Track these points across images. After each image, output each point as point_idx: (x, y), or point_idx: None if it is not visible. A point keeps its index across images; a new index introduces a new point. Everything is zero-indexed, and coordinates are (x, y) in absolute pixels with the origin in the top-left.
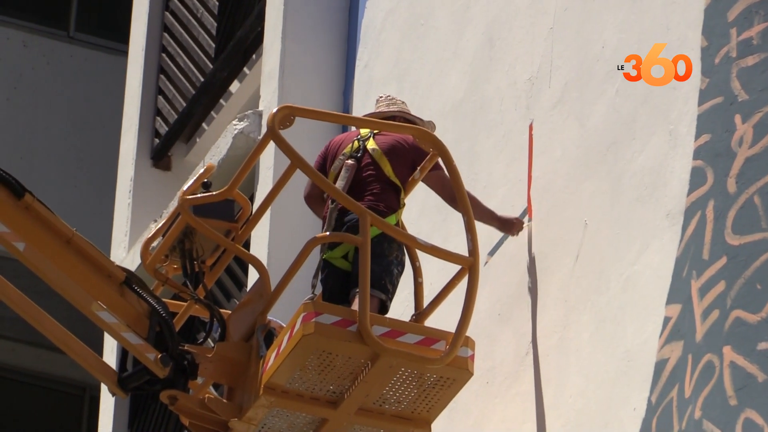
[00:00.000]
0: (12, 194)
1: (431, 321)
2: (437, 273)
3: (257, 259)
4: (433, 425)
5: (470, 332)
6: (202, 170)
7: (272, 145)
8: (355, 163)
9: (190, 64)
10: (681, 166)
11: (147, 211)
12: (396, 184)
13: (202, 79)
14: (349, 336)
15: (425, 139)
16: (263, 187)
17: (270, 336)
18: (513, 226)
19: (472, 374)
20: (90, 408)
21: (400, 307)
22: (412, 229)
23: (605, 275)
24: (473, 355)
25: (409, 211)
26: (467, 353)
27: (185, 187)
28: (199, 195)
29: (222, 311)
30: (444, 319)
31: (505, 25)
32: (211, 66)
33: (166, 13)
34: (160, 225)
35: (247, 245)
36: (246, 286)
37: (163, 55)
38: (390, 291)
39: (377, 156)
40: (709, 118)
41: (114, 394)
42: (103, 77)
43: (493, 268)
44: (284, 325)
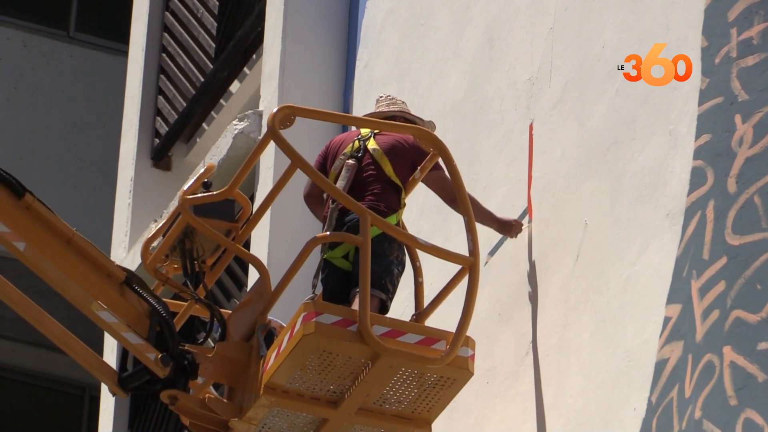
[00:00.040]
0: (12, 194)
1: (431, 321)
2: (437, 273)
3: (257, 258)
4: (434, 425)
5: (470, 332)
6: (202, 170)
7: (272, 145)
8: (356, 163)
9: (191, 64)
10: (681, 166)
11: (147, 211)
12: (396, 184)
13: (202, 79)
14: (349, 336)
15: (426, 139)
16: (263, 187)
17: (270, 336)
18: (512, 228)
19: (472, 374)
20: (90, 408)
21: (401, 307)
22: (412, 229)
23: (605, 275)
24: (473, 355)
25: (409, 211)
26: (467, 353)
27: (186, 186)
28: (199, 195)
29: (222, 311)
30: (444, 319)
31: (505, 25)
32: (211, 66)
33: (167, 13)
34: (161, 225)
35: (247, 245)
36: (246, 286)
37: (164, 55)
38: (390, 291)
39: (378, 156)
40: (709, 118)
41: (114, 394)
42: (103, 77)
43: (493, 268)
44: (284, 325)
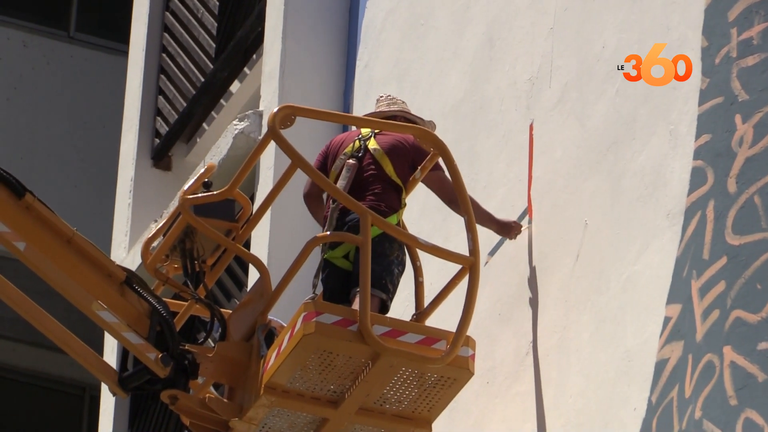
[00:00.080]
0: (12, 194)
1: (432, 321)
2: (437, 273)
3: (258, 258)
4: (434, 425)
5: (470, 332)
6: (202, 170)
7: (273, 145)
8: (357, 162)
9: (191, 64)
10: (681, 166)
11: (147, 211)
12: (397, 184)
13: (202, 79)
14: (349, 335)
15: (426, 139)
16: (264, 187)
17: (271, 336)
18: (511, 229)
19: (472, 374)
20: (90, 408)
21: (401, 307)
22: (412, 229)
23: (605, 275)
24: (474, 355)
25: (409, 211)
26: (468, 353)
27: (186, 186)
28: (199, 195)
29: (222, 311)
30: (444, 319)
31: (505, 25)
32: (211, 66)
33: (167, 14)
34: (161, 225)
35: (247, 245)
36: (246, 286)
37: (164, 55)
38: (390, 291)
39: (379, 156)
40: (709, 118)
41: (115, 394)
42: (103, 77)
43: (493, 268)
44: (285, 325)
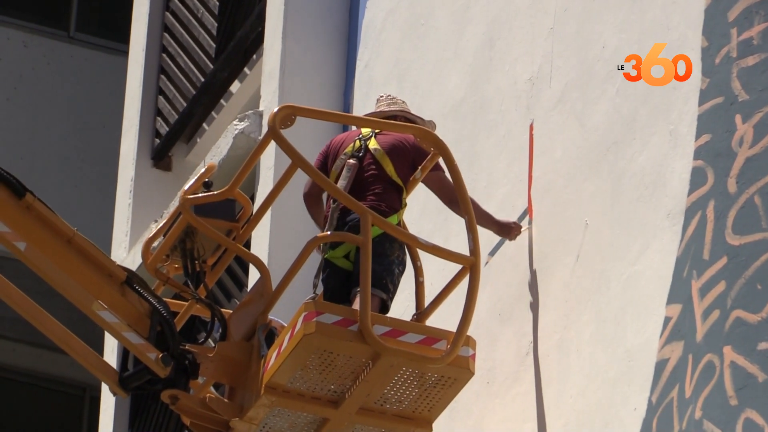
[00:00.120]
0: (13, 194)
1: (432, 320)
2: (437, 273)
3: (258, 258)
4: (434, 425)
5: (471, 332)
6: (203, 170)
7: (273, 145)
8: (357, 162)
9: (191, 64)
10: (681, 166)
11: (147, 211)
12: (398, 184)
13: (202, 79)
14: (350, 335)
15: (427, 139)
16: (264, 187)
17: (271, 335)
18: (511, 230)
19: (473, 374)
20: (90, 408)
21: (401, 307)
22: (413, 229)
23: (606, 275)
24: (474, 355)
25: (410, 211)
26: (468, 353)
27: (186, 186)
28: (200, 194)
29: (223, 311)
30: (445, 318)
31: (505, 25)
32: (211, 66)
33: (167, 14)
34: (162, 224)
35: (247, 245)
36: (246, 286)
37: (164, 55)
38: (391, 290)
39: (379, 156)
40: (709, 118)
41: (115, 394)
42: (103, 77)
43: (493, 268)
44: (285, 325)
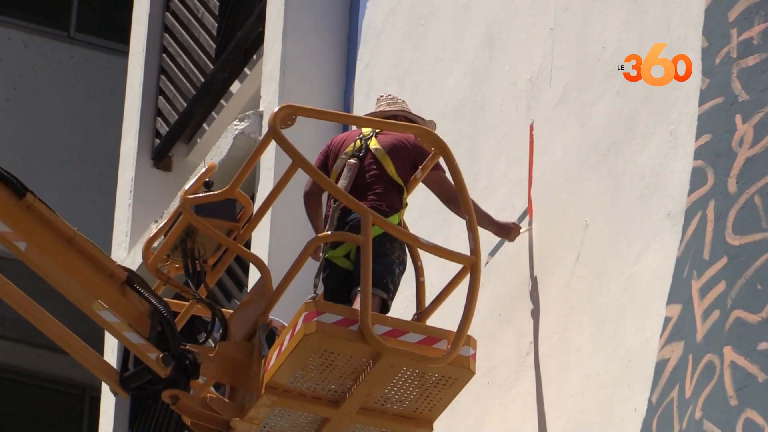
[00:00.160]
0: (13, 194)
1: (433, 320)
2: (437, 273)
3: (259, 258)
4: (435, 425)
5: (471, 332)
6: (203, 170)
7: (273, 145)
8: (358, 162)
9: (191, 64)
10: (681, 166)
11: (148, 211)
12: (398, 184)
13: (202, 80)
14: (350, 335)
15: (427, 139)
16: (264, 187)
17: (272, 335)
18: (510, 231)
19: (473, 373)
20: (91, 408)
21: (402, 307)
22: (413, 229)
23: (606, 275)
24: (475, 354)
25: (410, 211)
26: (469, 352)
27: (187, 186)
28: (200, 194)
29: (223, 311)
30: (445, 318)
31: (505, 25)
32: (211, 66)
33: (167, 14)
34: (162, 224)
35: (248, 245)
36: (246, 287)
37: (164, 55)
38: (391, 290)
39: (380, 155)
40: (709, 118)
41: (116, 394)
42: (103, 78)
43: (493, 269)
44: (286, 325)
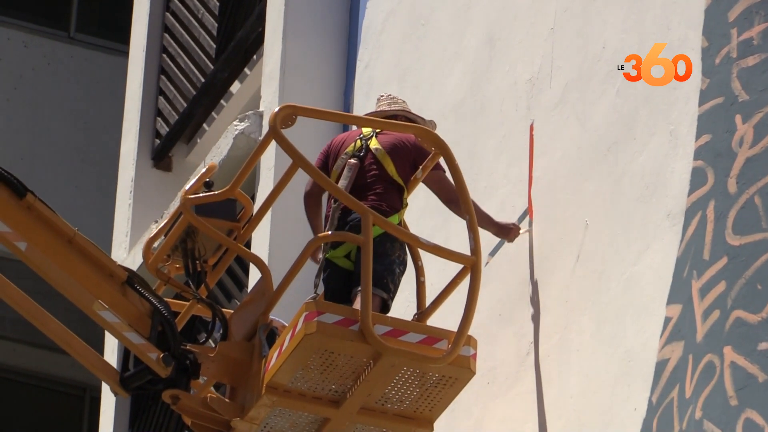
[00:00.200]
0: (14, 194)
1: (433, 320)
2: (437, 273)
3: (259, 258)
4: (435, 425)
5: (471, 332)
6: (204, 170)
7: (273, 145)
8: (358, 162)
9: (191, 64)
10: (681, 166)
11: (148, 211)
12: (399, 184)
13: (202, 80)
14: (351, 335)
15: (428, 139)
16: (264, 188)
17: (272, 335)
18: (510, 231)
19: (474, 373)
20: (91, 408)
21: (402, 307)
22: (414, 229)
23: (606, 275)
24: (475, 354)
25: (410, 212)
26: (469, 352)
27: (187, 186)
28: (201, 194)
29: (224, 311)
30: (446, 318)
31: (505, 25)
32: (211, 66)
33: (167, 14)
34: (163, 224)
35: (248, 245)
36: (247, 287)
37: (164, 55)
38: (392, 290)
39: (380, 155)
40: (709, 118)
41: (116, 394)
42: (103, 78)
43: (494, 269)
44: (286, 325)
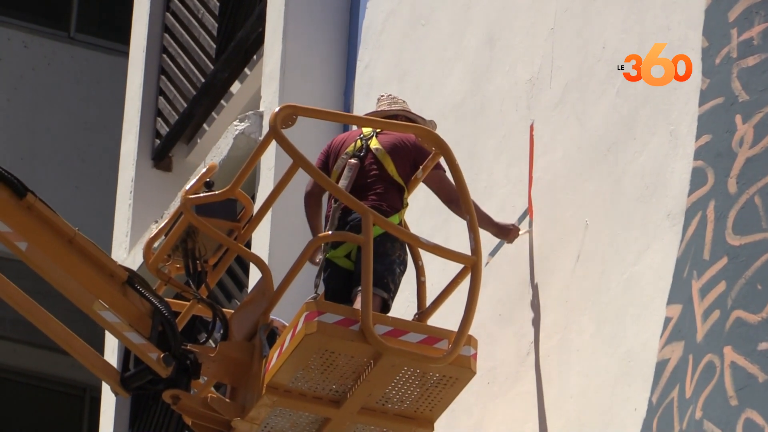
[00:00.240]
0: (14, 194)
1: (433, 320)
2: (438, 273)
3: (260, 258)
4: (435, 425)
5: (471, 333)
6: (204, 170)
7: (273, 145)
8: (358, 162)
9: (191, 64)
10: (682, 166)
11: (148, 211)
12: (399, 184)
13: (203, 80)
14: (351, 335)
15: (428, 138)
16: (264, 188)
17: (273, 335)
18: (509, 232)
19: (474, 373)
20: (91, 409)
21: (402, 307)
22: (414, 229)
23: (606, 275)
24: (476, 354)
25: (410, 211)
26: (470, 352)
27: (188, 186)
28: (201, 194)
29: (224, 311)
30: (446, 318)
31: (505, 25)
32: (212, 67)
33: (167, 14)
34: (163, 225)
35: (248, 245)
36: (247, 287)
37: (164, 55)
38: (392, 290)
39: (381, 155)
40: (709, 118)
41: (117, 394)
42: (103, 78)
43: (494, 269)
44: (287, 325)
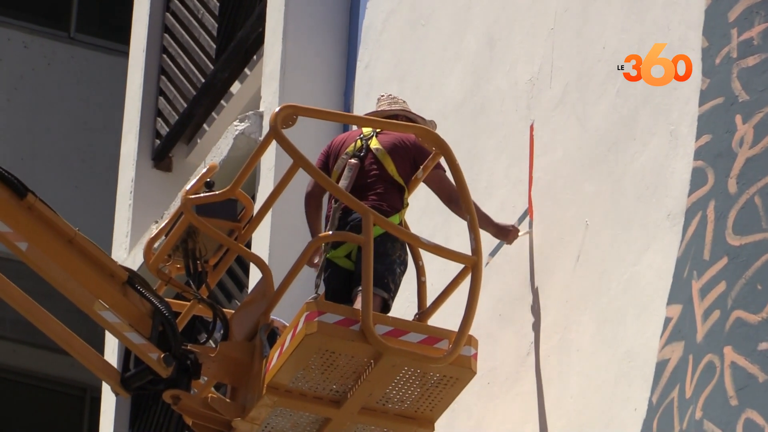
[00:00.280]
0: (14, 194)
1: (434, 320)
2: (438, 273)
3: (260, 258)
4: (436, 425)
5: (472, 332)
6: (204, 170)
7: (273, 145)
8: (359, 162)
9: (191, 64)
10: (682, 166)
11: (148, 212)
12: (399, 184)
13: (203, 80)
14: (352, 335)
15: (428, 138)
16: (265, 188)
17: (273, 335)
18: (509, 233)
19: (474, 373)
20: (91, 409)
21: (402, 307)
22: (414, 229)
23: (606, 276)
24: (476, 354)
25: (410, 212)
26: (470, 352)
27: (188, 186)
28: (202, 194)
29: (225, 311)
30: (447, 318)
31: (505, 25)
32: (212, 67)
33: (167, 14)
34: (163, 225)
35: (248, 245)
36: (247, 287)
37: (164, 56)
38: (392, 290)
39: (381, 155)
40: (709, 118)
41: (117, 394)
42: (103, 78)
43: (494, 269)
44: (287, 325)
